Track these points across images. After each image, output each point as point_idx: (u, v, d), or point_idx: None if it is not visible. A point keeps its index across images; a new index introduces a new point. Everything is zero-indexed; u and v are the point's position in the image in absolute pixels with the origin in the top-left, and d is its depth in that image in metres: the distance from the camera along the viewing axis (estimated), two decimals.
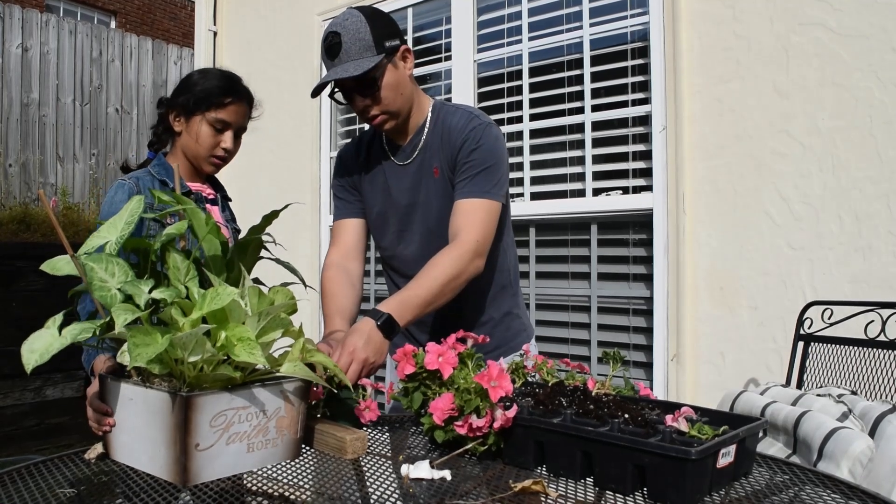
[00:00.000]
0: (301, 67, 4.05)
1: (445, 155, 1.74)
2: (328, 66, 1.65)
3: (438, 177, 1.75)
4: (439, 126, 1.76)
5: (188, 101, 1.81)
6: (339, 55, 1.61)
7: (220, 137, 1.83)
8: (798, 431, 1.56)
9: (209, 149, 1.84)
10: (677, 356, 2.61)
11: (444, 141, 1.74)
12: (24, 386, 4.42)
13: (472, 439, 1.17)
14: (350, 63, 1.60)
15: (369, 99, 1.66)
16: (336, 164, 1.94)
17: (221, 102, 1.81)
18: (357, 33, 1.59)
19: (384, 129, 1.73)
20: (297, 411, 1.16)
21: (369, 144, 1.87)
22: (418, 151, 1.77)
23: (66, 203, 6.64)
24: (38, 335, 1.05)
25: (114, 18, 11.93)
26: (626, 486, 1.01)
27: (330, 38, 1.62)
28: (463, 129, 1.71)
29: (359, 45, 1.59)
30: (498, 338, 1.81)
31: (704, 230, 2.61)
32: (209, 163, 1.87)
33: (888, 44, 2.27)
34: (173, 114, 1.85)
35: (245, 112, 1.88)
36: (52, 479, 1.09)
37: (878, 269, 2.26)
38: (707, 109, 2.62)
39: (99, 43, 7.53)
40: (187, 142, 1.84)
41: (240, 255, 1.25)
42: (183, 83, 1.86)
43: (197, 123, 1.82)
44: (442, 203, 1.74)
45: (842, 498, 1.03)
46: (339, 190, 1.91)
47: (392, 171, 1.81)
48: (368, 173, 1.86)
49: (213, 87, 1.81)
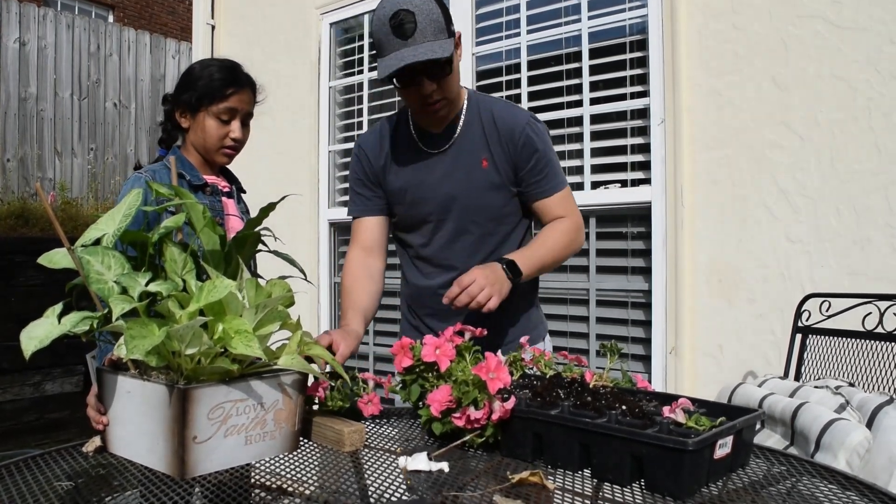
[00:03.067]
0: (299, 61, 4.05)
1: (501, 149, 1.71)
2: (394, 46, 1.54)
3: (488, 167, 1.72)
4: (478, 115, 1.73)
5: (191, 97, 1.81)
6: (414, 35, 1.52)
7: (227, 128, 1.83)
8: (796, 423, 1.57)
9: (218, 140, 1.83)
10: (676, 349, 2.61)
11: (492, 132, 1.71)
12: (24, 381, 4.42)
13: (470, 431, 1.18)
14: (427, 44, 1.52)
15: (436, 84, 1.60)
16: (356, 157, 1.85)
17: (224, 94, 1.80)
18: (430, 14, 1.53)
19: (438, 116, 1.68)
20: (294, 404, 1.16)
21: (393, 133, 1.81)
22: (455, 139, 1.73)
23: (65, 198, 6.63)
24: (37, 323, 1.06)
25: (111, 12, 11.89)
26: (623, 476, 1.01)
27: (401, 16, 1.52)
28: (518, 125, 1.70)
29: (433, 26, 1.53)
30: (521, 328, 1.81)
31: (703, 223, 2.61)
32: (221, 154, 1.86)
33: (887, 36, 2.26)
34: (179, 111, 1.85)
35: (249, 99, 1.87)
36: (50, 472, 1.09)
37: (877, 262, 2.26)
38: (706, 102, 2.61)
39: (97, 37, 7.51)
40: (196, 136, 1.84)
41: (238, 248, 1.24)
42: (184, 78, 1.85)
43: (203, 118, 1.81)
44: (487, 194, 1.73)
45: (839, 489, 1.03)
46: (358, 185, 1.85)
47: (426, 158, 1.76)
48: (395, 164, 1.79)
49: (214, 80, 1.80)
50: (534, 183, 1.73)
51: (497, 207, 1.74)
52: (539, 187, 1.74)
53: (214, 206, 1.85)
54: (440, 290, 1.75)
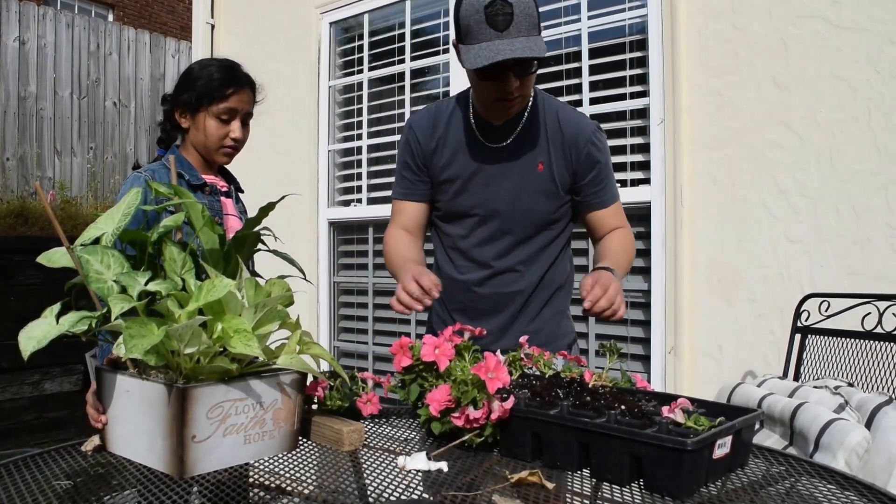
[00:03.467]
0: (299, 60, 4.04)
1: (562, 154, 1.68)
2: (486, 36, 1.48)
3: (543, 171, 1.68)
4: (541, 115, 1.70)
5: (191, 97, 1.80)
6: (509, 28, 1.46)
7: (227, 128, 1.83)
8: (795, 423, 1.57)
9: (218, 140, 1.83)
10: (675, 349, 2.61)
11: (555, 135, 1.68)
12: (23, 380, 4.42)
13: (469, 431, 1.17)
14: (523, 40, 1.47)
15: (520, 81, 1.55)
16: (405, 138, 1.78)
17: (224, 94, 1.80)
18: (527, 8, 1.47)
19: (510, 112, 1.64)
20: (293, 403, 1.16)
21: (449, 119, 1.74)
22: (516, 135, 1.69)
23: (64, 197, 6.63)
24: (35, 323, 1.06)
25: (111, 11, 11.88)
26: (622, 476, 1.01)
27: (498, 5, 1.45)
28: (584, 133, 1.68)
29: (528, 21, 1.48)
30: (546, 334, 1.77)
31: (702, 223, 2.61)
32: (221, 154, 1.87)
33: (887, 36, 2.26)
34: (178, 111, 1.85)
35: (249, 98, 1.87)
36: (49, 472, 1.09)
37: (876, 262, 2.26)
38: (705, 102, 2.61)
39: (96, 36, 7.51)
40: (196, 136, 1.84)
41: (237, 247, 1.24)
42: (183, 79, 1.85)
43: (203, 118, 1.81)
44: (537, 199, 1.69)
45: (838, 489, 1.03)
46: (405, 167, 1.78)
47: (482, 151, 1.71)
48: (447, 151, 1.73)
49: (213, 80, 1.80)
50: (592, 193, 1.72)
51: (544, 213, 1.72)
52: (597, 198, 1.73)
53: (213, 205, 1.85)
54: (473, 286, 1.75)
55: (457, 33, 1.57)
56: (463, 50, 1.54)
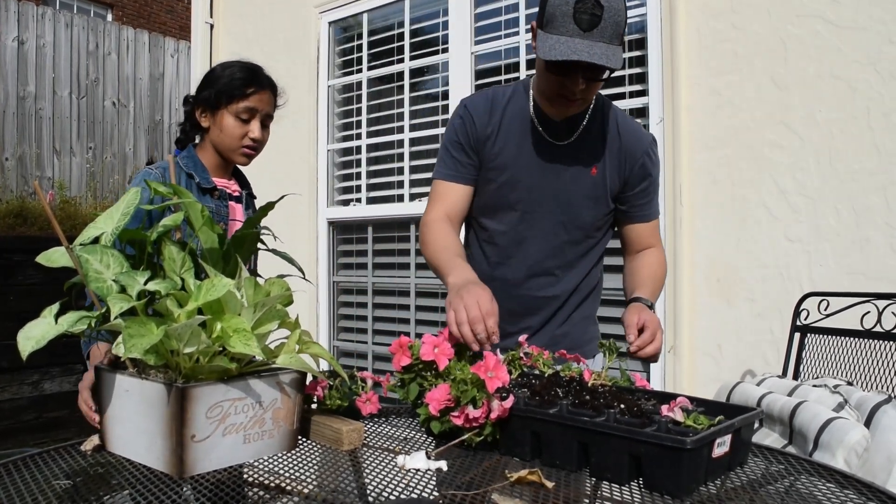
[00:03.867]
0: (299, 60, 4.04)
1: (617, 162, 1.66)
2: (568, 31, 1.42)
3: (596, 176, 1.65)
4: (601, 120, 1.67)
5: (211, 95, 1.82)
6: (593, 30, 1.41)
7: (247, 127, 1.84)
8: (794, 422, 1.57)
9: (237, 139, 1.84)
10: (675, 348, 2.61)
11: (613, 141, 1.66)
12: (22, 380, 4.42)
13: (469, 430, 1.17)
14: (603, 46, 1.42)
15: (587, 85, 1.52)
16: (459, 118, 1.70)
17: (244, 93, 1.82)
18: (616, 15, 1.43)
19: (570, 110, 1.61)
20: (293, 402, 1.16)
21: (506, 107, 1.68)
22: (577, 136, 1.65)
23: (63, 196, 6.63)
24: (34, 323, 1.06)
25: (110, 11, 11.88)
26: (622, 475, 1.01)
27: (590, 4, 1.41)
28: (642, 144, 1.68)
29: (614, 29, 1.43)
30: (573, 338, 1.75)
31: (702, 222, 2.61)
32: (240, 154, 1.87)
33: (886, 36, 2.26)
34: (199, 109, 1.86)
35: (269, 100, 1.88)
36: (49, 471, 1.09)
37: (876, 261, 2.26)
38: (705, 101, 2.61)
39: (95, 36, 7.50)
40: (216, 135, 1.85)
41: (236, 247, 1.24)
42: (206, 78, 1.87)
43: (223, 116, 1.82)
44: (586, 204, 1.67)
45: (837, 487, 1.03)
46: (455, 147, 1.69)
47: (538, 145, 1.65)
48: (502, 138, 1.67)
49: (234, 79, 1.82)
50: (638, 205, 1.71)
51: (589, 220, 1.69)
52: (641, 210, 1.72)
53: (220, 210, 1.86)
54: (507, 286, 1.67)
55: (539, 17, 1.51)
56: (541, 36, 1.48)
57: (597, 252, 1.77)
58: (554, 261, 1.70)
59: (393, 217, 3.67)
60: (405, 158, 3.62)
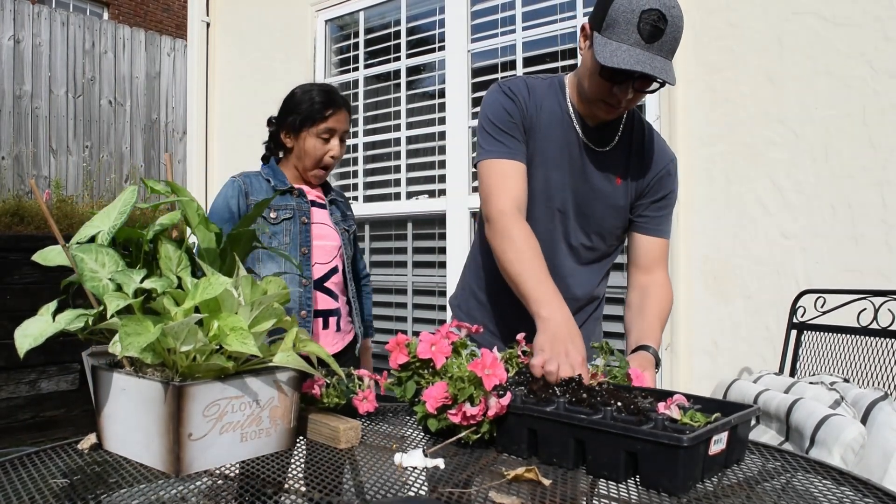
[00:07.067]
0: (295, 58, 4.04)
1: (640, 170, 1.66)
2: (630, 40, 1.40)
3: (620, 185, 1.65)
4: (632, 128, 1.67)
5: (295, 120, 2.07)
6: (654, 43, 1.39)
7: (328, 146, 2.08)
8: (790, 419, 1.57)
9: (319, 158, 2.08)
10: (671, 346, 2.62)
11: (639, 149, 1.66)
12: (19, 379, 4.41)
13: (466, 427, 1.18)
14: (662, 60, 1.41)
15: (634, 95, 1.51)
16: (507, 98, 1.62)
17: (324, 116, 2.06)
18: (676, 32, 1.41)
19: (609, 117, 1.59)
20: (290, 401, 1.16)
21: (542, 100, 1.63)
22: (614, 144, 1.64)
23: (60, 195, 6.61)
24: (31, 321, 1.06)
25: (106, 10, 11.85)
26: (618, 473, 1.02)
27: (655, 17, 1.38)
28: (665, 156, 1.68)
29: (672, 44, 1.42)
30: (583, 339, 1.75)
31: (698, 219, 2.61)
32: (313, 176, 2.13)
33: (881, 32, 2.27)
34: (284, 132, 2.12)
35: (346, 118, 2.12)
36: (45, 470, 1.09)
37: (871, 258, 2.27)
38: (700, 99, 2.62)
39: (91, 34, 7.48)
40: (298, 154, 2.10)
41: (233, 245, 1.24)
42: (287, 103, 2.12)
43: (305, 137, 2.08)
44: (608, 212, 1.66)
45: (833, 484, 1.03)
46: (508, 125, 1.59)
47: (572, 142, 1.63)
48: (542, 130, 1.62)
49: (315, 103, 2.06)
50: (650, 217, 1.69)
51: (609, 229, 1.68)
52: (654, 223, 1.70)
53: (301, 206, 2.09)
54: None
55: (597, 19, 1.47)
56: (598, 39, 1.45)
57: (609, 262, 1.78)
58: (571, 264, 1.69)
59: (390, 215, 3.67)
60: (402, 156, 3.62)
